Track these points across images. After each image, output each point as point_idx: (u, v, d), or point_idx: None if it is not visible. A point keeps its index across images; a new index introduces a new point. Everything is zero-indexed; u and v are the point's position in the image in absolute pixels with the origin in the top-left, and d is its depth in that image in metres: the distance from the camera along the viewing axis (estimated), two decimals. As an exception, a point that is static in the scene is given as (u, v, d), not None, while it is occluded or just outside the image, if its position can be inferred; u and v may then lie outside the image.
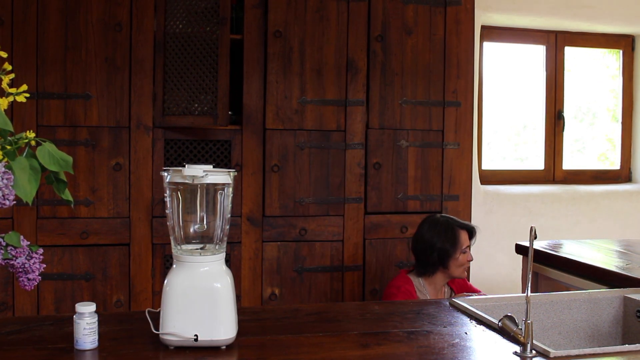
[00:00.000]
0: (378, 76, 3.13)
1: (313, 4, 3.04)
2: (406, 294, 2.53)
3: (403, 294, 2.53)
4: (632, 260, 2.48)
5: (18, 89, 1.39)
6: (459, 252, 2.58)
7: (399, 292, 2.54)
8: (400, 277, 2.65)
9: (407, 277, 2.63)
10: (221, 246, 1.59)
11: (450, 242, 2.58)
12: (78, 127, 2.85)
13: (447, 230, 2.60)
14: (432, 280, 2.62)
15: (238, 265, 3.00)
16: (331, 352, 1.51)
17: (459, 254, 2.58)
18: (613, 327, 1.99)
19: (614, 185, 4.29)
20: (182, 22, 2.87)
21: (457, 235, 2.59)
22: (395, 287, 2.58)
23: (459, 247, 2.57)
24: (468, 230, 2.64)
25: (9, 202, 1.23)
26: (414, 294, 2.56)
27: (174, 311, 1.49)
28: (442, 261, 2.58)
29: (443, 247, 2.57)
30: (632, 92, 4.36)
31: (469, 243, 2.62)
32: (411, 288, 2.57)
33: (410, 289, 2.56)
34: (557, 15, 3.98)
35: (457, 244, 2.57)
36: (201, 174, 1.51)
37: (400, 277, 2.65)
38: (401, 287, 2.56)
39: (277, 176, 3.03)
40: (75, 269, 2.86)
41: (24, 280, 1.33)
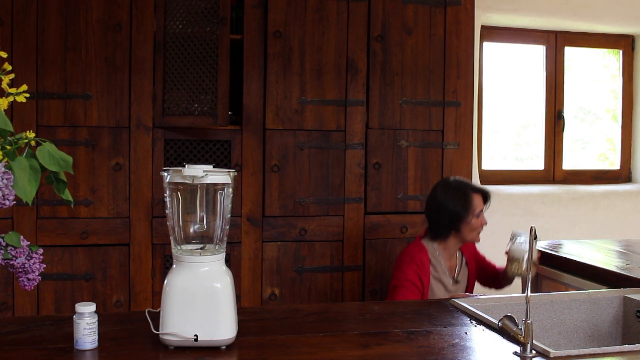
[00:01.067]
0: (378, 76, 3.13)
1: (313, 4, 3.04)
2: (418, 265, 2.47)
3: (416, 264, 2.47)
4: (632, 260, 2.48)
5: (18, 89, 1.39)
6: (472, 215, 2.50)
7: (412, 262, 2.47)
8: (414, 244, 2.58)
9: (421, 244, 2.56)
10: (221, 246, 1.59)
11: (462, 205, 2.50)
12: (78, 127, 2.85)
13: (459, 193, 2.52)
14: (446, 245, 2.56)
15: (238, 265, 3.00)
16: (331, 352, 1.51)
17: (471, 217, 2.50)
18: (613, 327, 1.99)
19: (614, 185, 4.28)
20: (182, 22, 2.87)
21: (470, 199, 2.51)
22: (409, 256, 2.51)
23: (471, 211, 2.50)
24: (482, 194, 2.55)
25: (9, 202, 1.23)
26: (426, 264, 2.49)
27: (174, 311, 1.49)
28: (455, 225, 2.51)
29: (455, 210, 2.50)
30: (632, 92, 4.36)
31: (483, 207, 2.54)
32: (424, 257, 2.50)
33: (423, 259, 2.49)
34: (557, 15, 3.98)
35: (469, 208, 2.49)
36: (201, 174, 1.51)
37: (414, 244, 2.58)
38: (415, 257, 2.49)
39: (277, 176, 3.03)
40: (75, 269, 2.86)
41: (24, 280, 1.33)
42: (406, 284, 2.44)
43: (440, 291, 2.52)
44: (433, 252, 2.55)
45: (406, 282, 2.45)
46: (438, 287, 2.51)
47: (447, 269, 2.56)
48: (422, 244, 2.56)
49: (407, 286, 2.44)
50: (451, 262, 2.60)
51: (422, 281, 2.46)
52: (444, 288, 2.54)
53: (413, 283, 2.44)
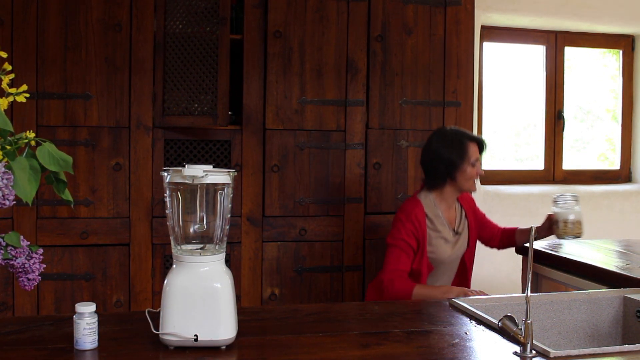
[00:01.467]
0: (378, 76, 3.13)
1: (313, 4, 3.04)
2: (413, 222, 2.46)
3: (411, 222, 2.46)
4: (632, 260, 2.48)
5: (18, 89, 1.39)
6: (467, 164, 2.48)
7: (407, 221, 2.47)
8: (410, 200, 2.57)
9: (417, 199, 2.55)
10: (221, 246, 1.59)
11: (457, 153, 2.49)
12: (78, 127, 2.85)
13: (454, 141, 2.51)
14: (443, 196, 2.55)
15: (238, 265, 3.00)
16: (331, 352, 1.51)
17: (466, 166, 2.48)
18: (613, 327, 1.99)
19: (614, 185, 4.28)
20: (182, 22, 2.87)
21: (465, 147, 2.50)
22: (405, 213, 2.50)
23: (466, 159, 2.48)
24: (477, 142, 2.54)
25: (9, 202, 1.23)
26: (422, 220, 2.48)
27: (174, 311, 1.49)
28: (450, 173, 2.50)
29: (450, 158, 2.49)
30: (632, 92, 4.36)
31: (478, 156, 2.53)
32: (420, 212, 2.49)
33: (418, 214, 2.48)
34: (557, 15, 3.98)
35: (464, 156, 2.48)
36: (201, 174, 1.51)
37: (410, 200, 2.57)
38: (410, 214, 2.48)
39: (277, 176, 3.03)
40: (75, 269, 2.86)
41: (24, 280, 1.33)
42: (400, 244, 2.45)
43: (440, 244, 2.51)
44: (430, 205, 2.53)
45: (400, 242, 2.46)
46: (438, 241, 2.50)
47: (446, 220, 2.55)
48: (417, 199, 2.54)
49: (401, 246, 2.45)
50: (450, 213, 2.58)
51: (419, 239, 2.47)
52: (444, 241, 2.52)
53: (408, 243, 2.45)
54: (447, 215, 2.57)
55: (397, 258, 2.46)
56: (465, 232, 2.62)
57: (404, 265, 2.46)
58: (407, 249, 2.46)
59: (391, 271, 2.45)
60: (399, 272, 2.44)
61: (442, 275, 2.59)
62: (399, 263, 2.45)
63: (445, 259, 2.54)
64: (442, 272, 2.58)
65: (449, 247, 2.54)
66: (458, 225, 2.60)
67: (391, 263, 2.46)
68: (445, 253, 2.53)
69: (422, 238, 2.47)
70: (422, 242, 2.47)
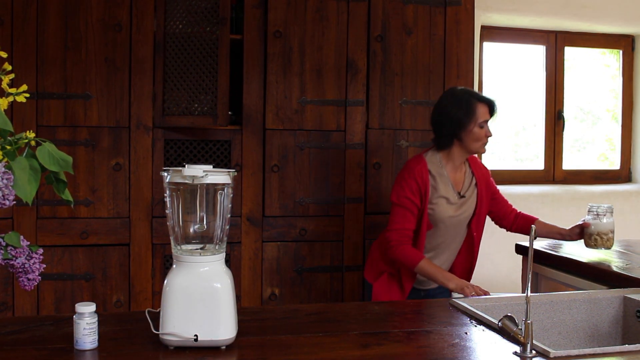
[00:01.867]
0: (378, 76, 3.13)
1: (313, 4, 3.04)
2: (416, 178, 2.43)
3: (413, 178, 2.43)
4: (632, 260, 2.48)
5: (18, 89, 1.39)
6: (474, 124, 2.44)
7: (410, 177, 2.44)
8: (414, 158, 2.53)
9: (421, 156, 2.52)
10: (221, 246, 1.59)
11: (465, 112, 2.44)
12: (78, 127, 2.85)
13: (463, 100, 2.47)
14: (450, 157, 2.51)
15: (238, 265, 3.00)
16: (331, 352, 1.51)
17: (473, 126, 2.44)
18: (613, 327, 1.99)
19: (614, 185, 4.29)
20: (182, 22, 2.87)
21: (474, 107, 2.45)
22: (408, 169, 2.47)
23: (474, 119, 2.44)
24: (487, 103, 2.49)
25: (9, 202, 1.23)
26: (425, 176, 2.45)
27: (174, 311, 1.49)
28: (457, 132, 2.45)
29: (457, 116, 2.44)
30: (632, 92, 4.36)
31: (488, 118, 2.49)
32: (423, 168, 2.46)
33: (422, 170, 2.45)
34: (557, 15, 3.98)
35: (472, 115, 2.44)
36: (201, 174, 1.51)
37: (414, 158, 2.53)
38: (413, 169, 2.45)
39: (277, 176, 3.03)
40: (75, 269, 2.86)
41: (24, 280, 1.33)
42: (405, 202, 2.44)
43: (442, 203, 2.48)
44: (435, 163, 2.50)
45: (405, 200, 2.44)
46: (439, 200, 2.48)
47: (451, 181, 2.51)
48: (421, 157, 2.52)
49: (406, 204, 2.44)
50: (456, 175, 2.55)
51: (422, 196, 2.45)
52: (446, 201, 2.49)
53: (412, 201, 2.44)
54: (452, 176, 2.53)
55: (402, 217, 2.44)
56: (472, 198, 2.57)
57: (410, 224, 2.45)
58: (411, 207, 2.44)
59: (398, 231, 2.44)
60: (406, 231, 2.44)
61: (442, 237, 2.53)
62: (405, 222, 2.44)
63: (446, 219, 2.49)
64: (442, 234, 2.52)
65: (452, 208, 2.50)
66: (465, 189, 2.55)
67: (397, 222, 2.45)
68: (446, 213, 2.49)
69: (424, 195, 2.45)
70: (425, 199, 2.45)
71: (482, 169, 2.66)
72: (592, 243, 2.52)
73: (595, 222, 2.51)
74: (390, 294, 2.53)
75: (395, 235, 2.44)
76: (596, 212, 2.52)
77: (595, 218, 2.51)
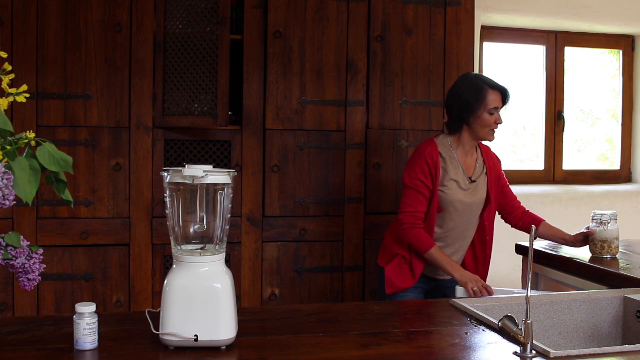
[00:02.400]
0: (378, 76, 3.13)
1: (313, 4, 3.04)
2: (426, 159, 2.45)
3: (424, 160, 2.45)
4: (632, 260, 2.48)
5: (18, 89, 1.39)
6: (484, 110, 2.44)
7: (420, 159, 2.46)
8: (425, 141, 2.55)
9: (432, 140, 2.53)
10: (221, 246, 1.59)
11: (474, 96, 2.45)
12: (78, 127, 2.85)
13: (475, 85, 2.47)
14: (460, 141, 2.52)
15: (238, 265, 3.00)
16: (331, 352, 1.51)
17: (483, 111, 2.44)
18: (613, 327, 1.99)
19: (614, 185, 4.28)
20: (182, 22, 2.87)
21: (484, 92, 2.45)
22: (418, 152, 2.49)
23: (483, 105, 2.44)
24: (500, 90, 2.48)
25: (9, 202, 1.23)
26: (435, 157, 2.46)
27: (174, 311, 1.49)
28: (465, 117, 2.47)
29: (467, 100, 2.45)
30: (632, 92, 4.36)
31: (499, 105, 2.47)
32: (433, 150, 2.47)
33: (432, 152, 2.46)
34: (557, 15, 3.98)
35: (482, 100, 2.44)
36: (201, 174, 1.51)
37: (425, 141, 2.55)
38: (424, 151, 2.47)
39: (277, 176, 3.03)
40: (75, 269, 2.86)
41: (24, 280, 1.33)
42: (417, 184, 2.45)
43: (453, 186, 2.49)
44: (445, 146, 2.52)
45: (417, 182, 2.45)
46: (450, 183, 2.48)
47: (462, 164, 2.52)
48: (432, 140, 2.54)
49: (418, 187, 2.45)
50: (467, 160, 2.55)
51: (433, 175, 2.46)
52: (457, 184, 2.50)
53: (424, 183, 2.45)
54: (463, 161, 2.53)
55: (415, 199, 2.46)
56: (483, 184, 2.57)
57: (422, 206, 2.46)
58: (423, 189, 2.45)
59: (410, 213, 2.45)
60: (419, 214, 2.45)
61: (452, 221, 2.52)
62: (417, 204, 2.46)
63: (456, 202, 2.49)
64: (453, 218, 2.51)
65: (462, 192, 2.50)
66: (477, 175, 2.56)
67: (409, 204, 2.46)
68: (456, 196, 2.49)
69: (435, 176, 2.46)
70: (435, 180, 2.46)
71: (493, 159, 2.67)
72: (598, 250, 2.53)
73: (599, 229, 2.52)
74: (401, 277, 2.53)
75: (408, 217, 2.46)
76: (600, 220, 2.52)
77: (599, 225, 2.52)
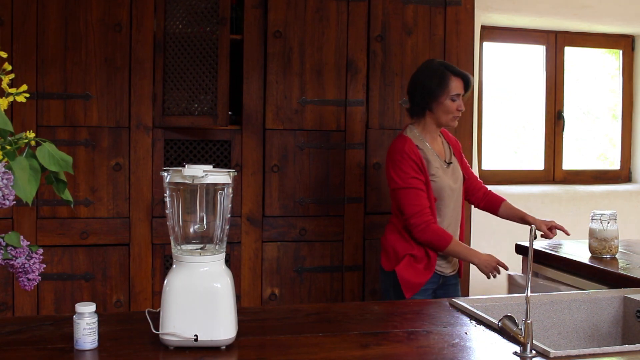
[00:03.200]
0: (378, 76, 3.13)
1: (313, 4, 3.04)
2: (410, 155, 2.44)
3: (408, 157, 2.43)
4: (632, 260, 2.48)
5: (18, 89, 1.39)
6: (446, 96, 2.46)
7: (404, 159, 2.44)
8: (397, 138, 2.54)
9: (404, 135, 2.52)
10: (221, 246, 1.59)
11: (437, 82, 2.47)
12: (78, 127, 2.85)
13: (437, 71, 2.49)
14: (425, 129, 2.54)
15: (238, 265, 3.00)
16: (331, 352, 1.51)
17: (445, 98, 2.46)
18: (613, 327, 1.99)
19: (614, 185, 4.28)
20: (182, 22, 2.87)
21: (447, 79, 2.47)
22: (399, 152, 2.47)
23: (445, 91, 2.46)
24: (462, 77, 2.50)
25: (9, 202, 1.23)
26: (416, 150, 2.46)
27: (174, 311, 1.49)
28: (428, 103, 2.49)
29: (429, 86, 2.47)
30: (632, 92, 4.36)
31: (461, 92, 2.49)
32: (411, 145, 2.46)
33: (412, 147, 2.45)
34: (557, 15, 3.98)
35: (444, 87, 2.46)
36: (201, 174, 1.51)
37: (397, 138, 2.54)
38: (404, 149, 2.45)
39: (277, 176, 3.03)
40: (75, 269, 2.86)
41: (24, 280, 1.33)
42: (413, 182, 2.42)
43: (439, 173, 2.49)
44: (417, 137, 2.52)
45: (412, 181, 2.42)
46: (436, 171, 2.49)
47: (435, 151, 2.54)
48: (402, 135, 2.53)
49: (415, 184, 2.42)
50: (436, 145, 2.57)
51: (422, 169, 2.45)
52: (441, 171, 2.51)
53: (418, 179, 2.43)
54: (434, 147, 2.55)
55: (416, 197, 2.42)
56: (457, 165, 2.60)
57: (426, 201, 2.44)
58: (420, 185, 2.43)
59: (419, 213, 2.42)
60: (426, 209, 2.43)
61: (447, 208, 2.53)
62: (421, 201, 2.42)
63: (447, 188, 2.50)
64: (446, 204, 2.52)
65: (447, 177, 2.52)
66: (449, 157, 2.59)
67: (414, 204, 2.42)
68: (445, 181, 2.50)
69: (424, 170, 2.46)
70: (425, 173, 2.46)
71: (453, 140, 2.70)
72: (598, 250, 2.53)
73: (599, 229, 2.52)
74: (415, 272, 2.49)
75: (418, 217, 2.42)
76: (600, 220, 2.53)
77: (599, 225, 2.52)
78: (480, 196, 2.74)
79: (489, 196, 2.75)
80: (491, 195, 2.75)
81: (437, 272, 2.54)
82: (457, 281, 2.63)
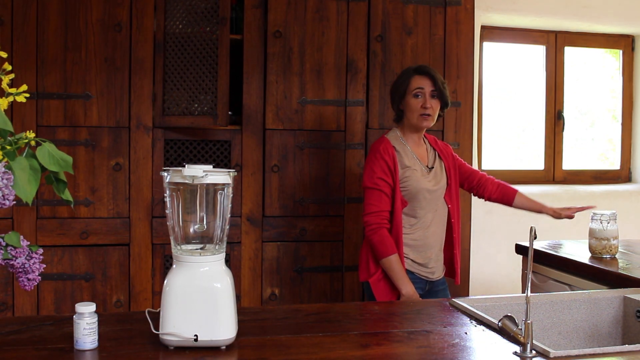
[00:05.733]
0: (378, 76, 3.13)
1: (313, 4, 3.04)
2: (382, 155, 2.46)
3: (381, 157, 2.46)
4: (632, 260, 2.48)
5: (18, 89, 1.39)
6: (409, 95, 2.50)
7: (377, 159, 2.46)
8: (377, 140, 2.58)
9: (383, 137, 2.55)
10: (221, 246, 1.59)
11: (401, 82, 2.53)
12: (78, 127, 2.85)
13: (403, 72, 2.57)
14: (405, 132, 2.56)
15: (238, 265, 3.00)
16: (331, 352, 1.51)
17: (409, 97, 2.50)
18: (613, 327, 1.99)
19: (614, 185, 4.28)
20: (182, 22, 2.87)
21: (408, 76, 2.52)
22: (373, 151, 2.51)
23: (408, 89, 2.50)
24: (424, 74, 2.51)
25: (9, 202, 1.23)
26: (391, 151, 2.48)
27: (174, 311, 1.49)
28: (398, 104, 2.55)
29: (397, 87, 2.55)
30: (632, 92, 4.36)
31: (423, 86, 2.49)
32: (387, 145, 2.49)
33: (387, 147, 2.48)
34: (557, 15, 3.98)
35: (406, 84, 2.51)
36: (201, 174, 1.51)
37: (377, 140, 2.58)
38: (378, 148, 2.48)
39: (277, 176, 3.03)
40: (75, 269, 2.86)
41: (24, 280, 1.33)
42: (379, 183, 2.45)
43: (414, 175, 2.49)
44: (397, 139, 2.54)
45: (378, 181, 2.45)
46: (411, 172, 2.49)
47: (416, 154, 2.54)
48: (383, 137, 2.56)
49: (380, 186, 2.45)
50: (419, 150, 2.58)
51: (392, 171, 2.46)
52: (418, 173, 2.51)
53: (385, 181, 2.45)
54: (416, 151, 2.56)
55: (378, 199, 2.45)
56: (441, 170, 2.59)
57: (386, 205, 2.46)
58: (386, 188, 2.45)
59: (375, 213, 2.45)
60: (384, 213, 2.45)
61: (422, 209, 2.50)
62: (380, 203, 2.45)
63: (423, 191, 2.49)
64: (422, 206, 2.50)
65: (425, 180, 2.51)
66: (431, 162, 2.59)
67: (373, 204, 2.46)
68: (421, 184, 2.49)
69: (394, 170, 2.47)
70: (395, 175, 2.47)
71: (442, 146, 2.69)
72: (598, 250, 2.53)
73: (599, 229, 2.52)
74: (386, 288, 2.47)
75: (373, 218, 2.45)
76: (600, 220, 2.53)
77: (599, 225, 2.53)
78: (492, 188, 2.72)
79: (502, 188, 2.74)
80: (504, 187, 2.74)
81: (422, 278, 2.52)
82: (445, 286, 2.61)
